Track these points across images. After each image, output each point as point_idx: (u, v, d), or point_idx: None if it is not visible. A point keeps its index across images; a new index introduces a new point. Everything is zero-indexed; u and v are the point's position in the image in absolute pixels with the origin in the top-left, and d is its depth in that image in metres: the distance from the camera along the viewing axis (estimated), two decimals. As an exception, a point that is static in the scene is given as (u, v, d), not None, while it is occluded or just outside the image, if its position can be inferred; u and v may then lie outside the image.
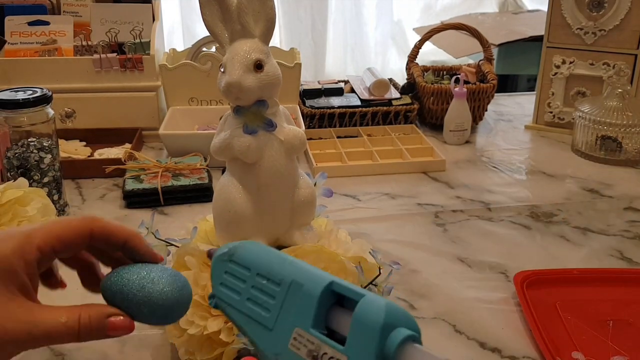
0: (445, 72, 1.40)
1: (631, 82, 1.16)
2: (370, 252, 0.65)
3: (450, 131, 1.20)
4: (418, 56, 1.35)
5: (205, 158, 1.04)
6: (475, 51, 1.82)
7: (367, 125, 1.24)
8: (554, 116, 1.27)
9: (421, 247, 0.84)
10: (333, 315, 0.36)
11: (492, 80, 1.27)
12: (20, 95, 0.87)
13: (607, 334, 0.65)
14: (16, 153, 0.89)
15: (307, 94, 1.30)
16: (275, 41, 2.23)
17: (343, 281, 0.35)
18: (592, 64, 1.20)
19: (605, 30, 1.17)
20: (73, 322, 0.38)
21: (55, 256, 0.40)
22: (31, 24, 1.20)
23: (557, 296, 0.71)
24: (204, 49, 1.23)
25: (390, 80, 1.37)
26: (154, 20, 1.24)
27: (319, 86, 1.33)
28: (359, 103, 1.27)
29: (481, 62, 1.34)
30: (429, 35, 1.32)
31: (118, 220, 0.91)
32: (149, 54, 1.19)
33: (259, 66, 0.58)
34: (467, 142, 1.22)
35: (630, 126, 1.09)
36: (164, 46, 1.33)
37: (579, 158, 1.15)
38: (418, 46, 1.34)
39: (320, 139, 1.19)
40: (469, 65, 1.42)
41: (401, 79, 1.40)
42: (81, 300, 0.40)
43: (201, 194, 0.96)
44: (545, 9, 1.28)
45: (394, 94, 1.30)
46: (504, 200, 0.97)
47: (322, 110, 1.22)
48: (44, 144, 0.91)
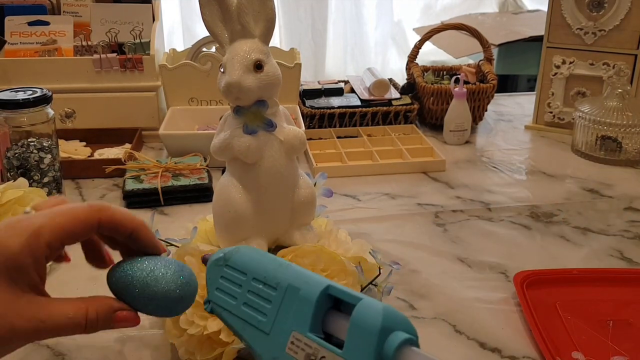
0: (445, 72, 1.40)
1: (631, 82, 1.16)
2: (370, 252, 0.65)
3: (450, 131, 1.20)
4: (418, 56, 1.35)
5: (205, 158, 1.04)
6: (475, 51, 1.83)
7: (367, 125, 1.24)
8: (554, 116, 1.27)
9: (421, 247, 0.84)
10: (330, 319, 0.36)
11: (492, 80, 1.27)
12: (20, 95, 0.87)
13: (607, 334, 0.65)
14: (16, 153, 0.89)
15: (307, 94, 1.30)
16: (275, 41, 2.23)
17: (339, 285, 0.36)
18: (592, 64, 1.20)
19: (605, 31, 1.17)
20: (80, 317, 0.39)
21: (63, 248, 0.40)
22: (31, 24, 1.20)
23: (557, 296, 0.71)
24: (204, 49, 1.23)
25: (390, 80, 1.37)
26: (154, 20, 1.24)
27: (319, 86, 1.33)
28: (359, 103, 1.27)
29: (481, 62, 1.34)
30: (429, 35, 1.32)
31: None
32: (149, 54, 1.19)
33: (259, 66, 0.58)
34: (467, 142, 1.22)
35: (630, 126, 1.09)
36: (164, 46, 1.33)
37: (579, 158, 1.15)
38: (418, 46, 1.34)
39: (320, 139, 1.19)
40: (469, 66, 1.42)
41: (401, 79, 1.40)
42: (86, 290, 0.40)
43: (201, 194, 0.96)
44: (545, 9, 1.27)
45: (394, 94, 1.30)
46: (504, 201, 0.97)
47: (322, 110, 1.22)
48: (44, 144, 0.91)
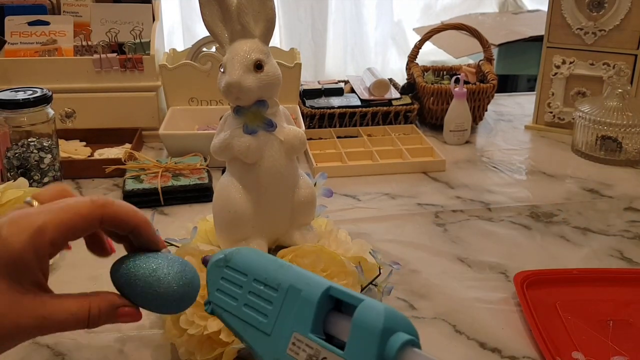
0: (445, 72, 1.40)
1: (631, 82, 1.16)
2: (370, 252, 0.65)
3: (450, 131, 1.20)
4: (418, 56, 1.35)
5: (205, 158, 1.04)
6: (475, 51, 1.83)
7: (367, 125, 1.24)
8: (554, 116, 1.27)
9: (421, 247, 0.84)
10: (331, 320, 0.36)
11: (492, 80, 1.27)
12: (20, 95, 0.87)
13: (607, 334, 0.65)
14: (16, 153, 0.89)
15: (307, 94, 1.30)
16: (275, 41, 2.23)
17: (341, 286, 0.36)
18: (592, 64, 1.20)
19: (605, 31, 1.17)
20: (83, 313, 0.39)
21: (66, 244, 0.41)
22: (31, 24, 1.20)
23: (557, 296, 0.71)
24: (204, 49, 1.23)
25: (390, 80, 1.37)
26: (154, 20, 1.24)
27: (319, 86, 1.33)
28: (359, 103, 1.27)
29: (481, 62, 1.34)
30: (429, 35, 1.32)
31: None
32: (149, 54, 1.18)
33: (259, 66, 0.58)
34: (467, 142, 1.22)
35: (630, 126, 1.09)
36: (164, 46, 1.33)
37: (579, 158, 1.15)
38: (418, 46, 1.34)
39: (320, 139, 1.19)
40: (469, 66, 1.42)
41: (401, 79, 1.40)
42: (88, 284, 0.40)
43: (201, 194, 0.96)
44: (545, 9, 1.27)
45: (394, 94, 1.30)
46: (504, 201, 0.97)
47: (322, 110, 1.22)
48: (44, 144, 0.91)
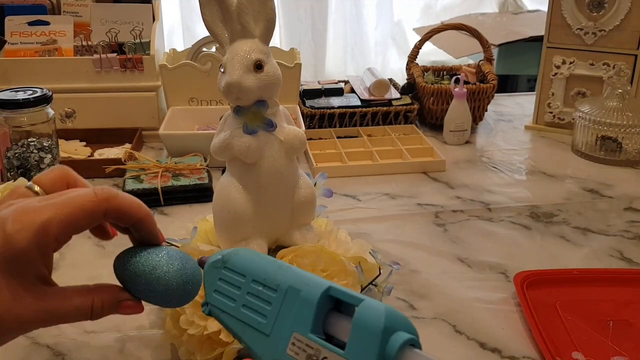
0: (445, 73, 1.40)
1: (631, 83, 1.16)
2: (370, 252, 0.65)
3: (450, 131, 1.20)
4: (418, 56, 1.35)
5: (205, 158, 1.04)
6: (475, 51, 1.83)
7: (367, 125, 1.24)
8: (554, 116, 1.27)
9: (421, 247, 0.84)
10: (330, 320, 0.36)
11: (492, 80, 1.27)
12: (20, 95, 0.87)
13: (607, 334, 0.65)
14: (16, 153, 0.89)
15: (307, 94, 1.30)
16: (275, 41, 2.23)
17: (340, 286, 0.36)
18: (592, 64, 1.20)
19: (605, 31, 1.17)
20: (86, 307, 0.40)
21: (70, 239, 0.41)
22: (31, 24, 1.20)
23: (557, 296, 0.71)
24: (204, 49, 1.23)
25: (390, 80, 1.37)
26: (154, 20, 1.24)
27: (319, 86, 1.33)
28: (359, 103, 1.27)
29: (481, 63, 1.34)
30: (429, 35, 1.32)
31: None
32: (149, 54, 1.19)
33: (259, 66, 0.58)
34: (467, 142, 1.22)
35: (630, 126, 1.09)
36: (164, 46, 1.33)
37: (579, 158, 1.15)
38: (418, 46, 1.34)
39: (320, 139, 1.19)
40: (469, 66, 1.42)
41: (401, 79, 1.40)
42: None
43: (201, 194, 0.96)
44: (545, 9, 1.27)
45: (394, 94, 1.30)
46: (504, 201, 0.97)
47: (322, 110, 1.22)
48: (44, 144, 0.91)
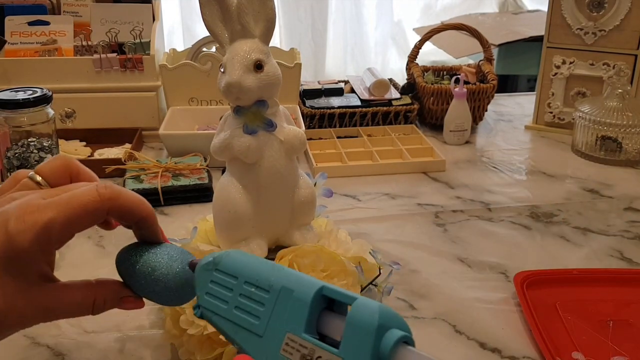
0: (445, 72, 1.40)
1: (631, 83, 1.16)
2: (370, 252, 0.65)
3: (450, 131, 1.20)
4: (418, 56, 1.35)
5: (205, 158, 1.04)
6: (475, 51, 1.83)
7: (367, 125, 1.24)
8: (554, 116, 1.27)
9: (421, 247, 0.84)
10: (323, 319, 0.36)
11: (492, 80, 1.27)
12: (20, 95, 0.87)
13: (607, 334, 0.65)
14: (16, 153, 0.89)
15: (307, 94, 1.30)
16: (275, 41, 2.23)
17: (333, 286, 0.36)
18: (592, 64, 1.20)
19: (605, 31, 1.17)
20: (88, 303, 0.41)
21: (72, 237, 0.42)
22: (31, 24, 1.20)
23: (557, 296, 0.71)
24: (204, 49, 1.23)
25: (390, 80, 1.37)
26: (154, 20, 1.24)
27: (319, 86, 1.33)
28: (359, 103, 1.27)
29: (481, 62, 1.34)
30: (429, 35, 1.32)
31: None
32: (149, 54, 1.19)
33: (259, 66, 0.58)
34: (467, 142, 1.22)
35: (630, 126, 1.09)
36: (164, 46, 1.33)
37: (579, 158, 1.15)
38: (418, 46, 1.34)
39: (320, 139, 1.19)
40: (469, 66, 1.42)
41: (401, 79, 1.40)
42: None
43: (201, 194, 0.96)
44: (545, 9, 1.27)
45: (394, 94, 1.30)
46: (504, 201, 0.97)
47: (322, 110, 1.22)
48: (44, 144, 0.91)
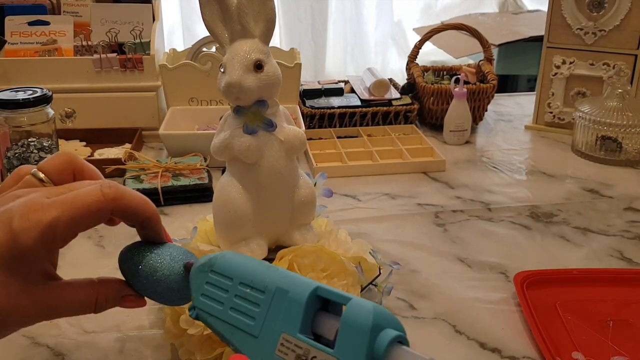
0: (445, 72, 1.40)
1: (631, 83, 1.16)
2: (370, 252, 0.65)
3: (450, 131, 1.20)
4: (418, 56, 1.35)
5: (205, 158, 1.04)
6: (475, 51, 1.83)
7: (367, 125, 1.24)
8: (554, 116, 1.27)
9: (421, 247, 0.84)
10: (318, 319, 0.36)
11: (492, 80, 1.27)
12: (20, 95, 0.87)
13: (607, 334, 0.65)
14: (16, 153, 0.89)
15: (307, 94, 1.30)
16: (275, 41, 2.23)
17: (328, 286, 0.36)
18: (592, 64, 1.20)
19: (605, 31, 1.17)
20: (90, 302, 0.42)
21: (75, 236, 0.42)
22: (31, 24, 1.20)
23: (557, 296, 0.71)
24: (204, 49, 1.23)
25: (390, 80, 1.37)
26: (154, 20, 1.24)
27: (319, 86, 1.33)
28: (359, 103, 1.27)
29: (481, 62, 1.34)
30: (429, 35, 1.32)
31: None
32: (149, 54, 1.19)
33: (259, 66, 0.58)
34: (467, 142, 1.22)
35: (630, 126, 1.09)
36: (164, 46, 1.33)
37: (579, 158, 1.15)
38: (418, 46, 1.34)
39: (320, 139, 1.19)
40: (469, 66, 1.42)
41: (401, 79, 1.40)
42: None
43: (201, 194, 0.96)
44: (545, 9, 1.27)
45: (394, 94, 1.30)
46: (504, 201, 0.97)
47: (322, 110, 1.22)
48: (44, 144, 0.91)
